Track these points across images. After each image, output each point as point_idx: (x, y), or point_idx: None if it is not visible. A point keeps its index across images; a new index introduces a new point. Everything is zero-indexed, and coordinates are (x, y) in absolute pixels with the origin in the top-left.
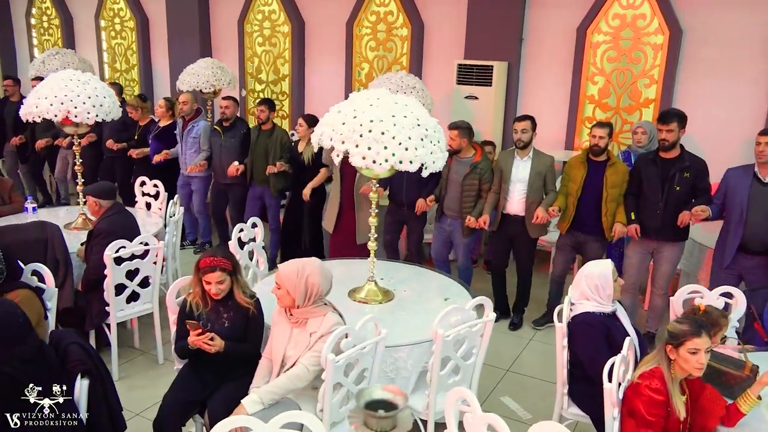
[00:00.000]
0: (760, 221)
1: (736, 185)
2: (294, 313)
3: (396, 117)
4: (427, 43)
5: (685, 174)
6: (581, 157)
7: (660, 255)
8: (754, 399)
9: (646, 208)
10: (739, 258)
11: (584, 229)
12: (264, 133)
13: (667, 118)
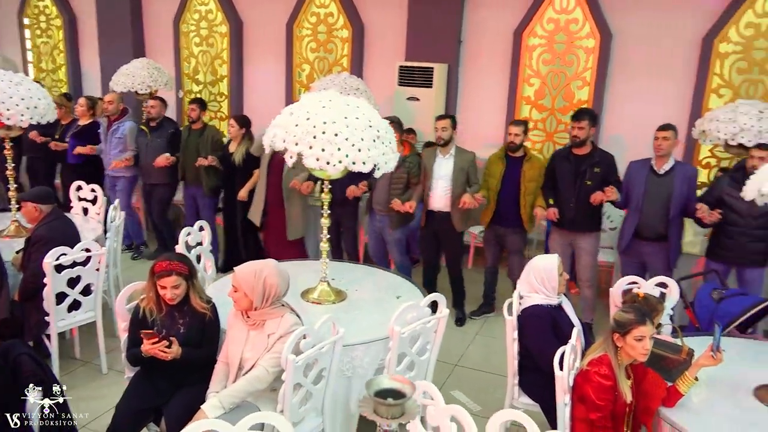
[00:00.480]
0: (653, 210)
1: (635, 176)
2: (251, 316)
3: (348, 119)
4: (368, 44)
5: (596, 169)
6: (499, 154)
7: (578, 247)
8: (691, 380)
9: (561, 202)
10: (635, 244)
11: (504, 222)
12: (195, 132)
13: (579, 116)
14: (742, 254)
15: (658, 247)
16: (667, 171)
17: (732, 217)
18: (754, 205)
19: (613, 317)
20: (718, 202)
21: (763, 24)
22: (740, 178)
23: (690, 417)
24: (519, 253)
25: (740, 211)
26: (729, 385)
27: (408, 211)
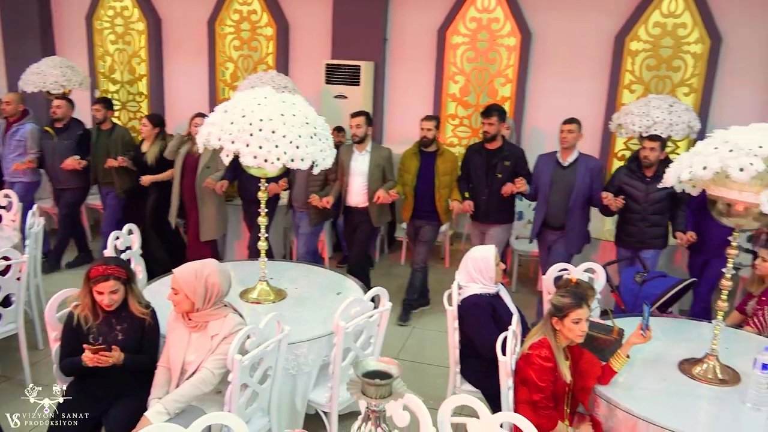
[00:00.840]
0: (558, 200)
1: (542, 168)
2: (193, 318)
3: (285, 116)
4: (293, 42)
5: (506, 162)
6: (413, 149)
7: (487, 236)
8: (624, 358)
9: (475, 194)
10: (544, 233)
11: (421, 215)
12: (104, 133)
13: (489, 112)
14: (643, 239)
15: (561, 234)
16: (571, 163)
17: (632, 206)
18: (650, 193)
19: (551, 302)
20: (618, 192)
21: (668, 23)
22: (636, 168)
23: (623, 392)
24: (428, 243)
25: (638, 198)
26: (655, 360)
27: (325, 206)
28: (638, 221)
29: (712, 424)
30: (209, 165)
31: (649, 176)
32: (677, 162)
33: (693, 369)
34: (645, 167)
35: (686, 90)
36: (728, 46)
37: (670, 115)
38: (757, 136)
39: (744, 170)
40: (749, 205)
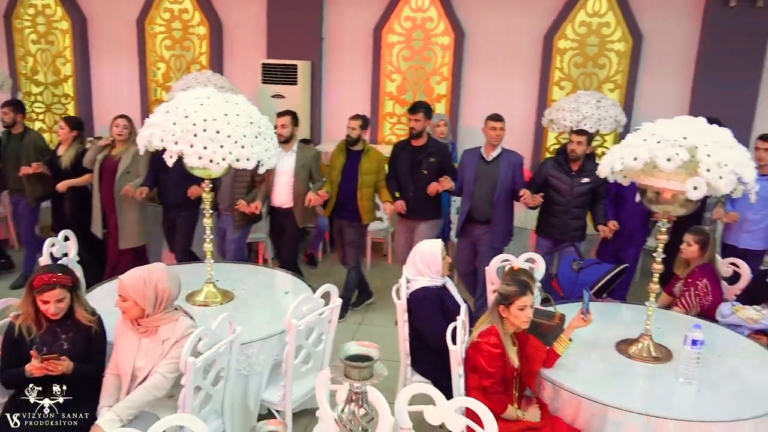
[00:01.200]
0: (483, 194)
1: (467, 164)
2: (142, 323)
3: (229, 115)
4: (227, 42)
5: (431, 159)
6: (341, 146)
7: (416, 232)
8: (567, 341)
9: (401, 191)
10: (468, 227)
11: (343, 215)
12: (14, 138)
13: (415, 109)
14: (565, 230)
15: (487, 229)
16: (495, 158)
17: (556, 197)
18: (575, 186)
19: (498, 291)
20: (544, 183)
21: (593, 23)
22: (563, 162)
23: (566, 374)
24: (353, 244)
25: (563, 191)
26: (594, 343)
27: (254, 212)
28: (562, 213)
29: (648, 398)
30: (129, 170)
31: (575, 170)
32: (609, 154)
33: (629, 349)
34: (572, 161)
35: (611, 86)
36: (649, 44)
37: (598, 110)
38: (682, 128)
39: (671, 160)
40: (676, 193)
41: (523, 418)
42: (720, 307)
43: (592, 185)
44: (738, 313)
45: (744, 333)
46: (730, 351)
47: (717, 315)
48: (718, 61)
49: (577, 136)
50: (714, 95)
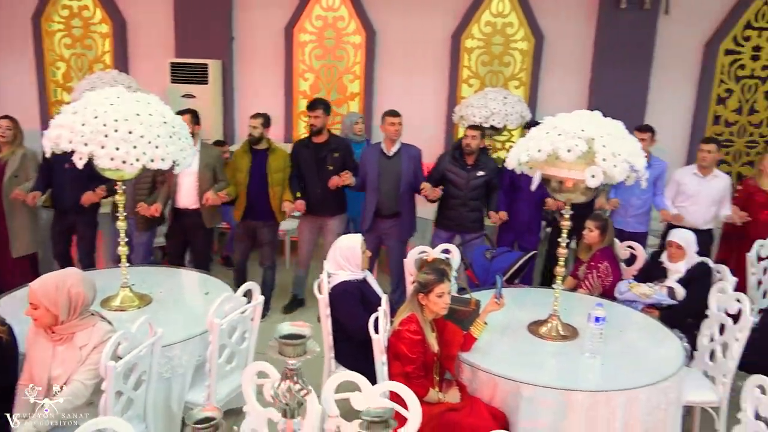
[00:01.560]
0: (388, 189)
1: (369, 160)
2: (57, 330)
3: (141, 115)
4: (132, 40)
5: (335, 154)
6: (244, 148)
7: (326, 228)
8: (482, 325)
9: (307, 188)
10: (376, 222)
11: (256, 215)
12: None
13: (314, 106)
14: (462, 222)
15: (394, 222)
16: (395, 153)
17: (453, 191)
18: (470, 180)
19: (417, 279)
20: (441, 178)
21: (498, 23)
22: (458, 156)
23: (483, 356)
24: (270, 243)
25: (460, 185)
26: (508, 326)
27: (154, 215)
28: (459, 206)
29: (558, 373)
30: (17, 174)
31: (470, 164)
32: (515, 147)
33: (539, 329)
34: (467, 155)
35: (516, 83)
36: (549, 44)
37: (505, 107)
38: (580, 121)
39: (571, 151)
40: (577, 181)
41: (444, 399)
42: (618, 285)
43: (487, 178)
44: (633, 290)
45: (638, 308)
46: (628, 326)
47: (615, 292)
48: (612, 58)
49: (471, 130)
50: (609, 90)
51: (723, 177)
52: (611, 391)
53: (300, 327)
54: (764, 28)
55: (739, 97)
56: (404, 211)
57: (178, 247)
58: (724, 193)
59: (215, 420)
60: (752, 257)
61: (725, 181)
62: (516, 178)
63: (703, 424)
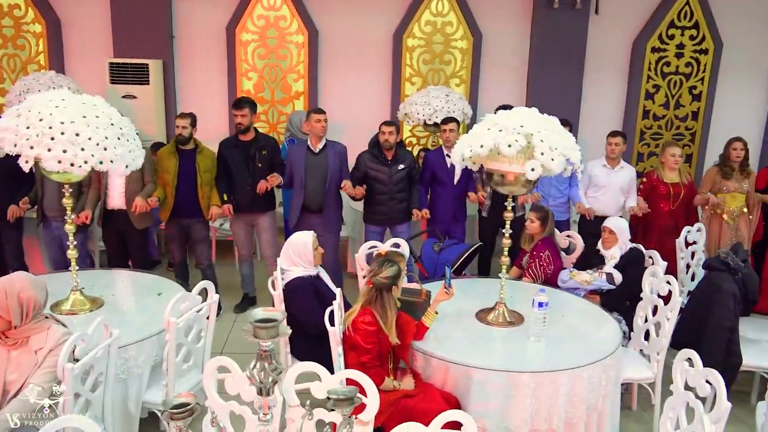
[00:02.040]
0: (315, 185)
1: (296, 157)
2: (11, 335)
3: (88, 117)
4: (68, 40)
5: (263, 152)
6: (170, 148)
7: (259, 226)
8: (433, 314)
9: (237, 187)
10: (304, 216)
11: (186, 214)
12: None
13: (240, 105)
14: (391, 215)
15: (321, 218)
16: (322, 149)
17: (378, 187)
18: (393, 174)
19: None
20: (364, 176)
21: (438, 22)
22: (377, 153)
23: (435, 344)
24: (204, 241)
25: (383, 180)
26: (457, 315)
27: (84, 222)
28: (387, 200)
29: (506, 357)
30: None
31: (390, 159)
32: (459, 143)
33: (487, 317)
34: (386, 150)
35: (457, 81)
36: (487, 42)
37: (447, 104)
38: (519, 117)
39: (511, 146)
40: (518, 175)
41: (399, 387)
42: (560, 274)
43: (408, 170)
44: (575, 278)
45: (581, 294)
46: (570, 311)
47: (558, 281)
48: (547, 56)
49: (387, 126)
50: (546, 86)
51: (629, 168)
52: (555, 371)
53: (272, 311)
54: (687, 27)
55: (665, 92)
56: (331, 205)
57: (117, 248)
58: (631, 183)
59: (191, 405)
60: (680, 243)
61: (631, 172)
62: (437, 173)
63: (640, 399)
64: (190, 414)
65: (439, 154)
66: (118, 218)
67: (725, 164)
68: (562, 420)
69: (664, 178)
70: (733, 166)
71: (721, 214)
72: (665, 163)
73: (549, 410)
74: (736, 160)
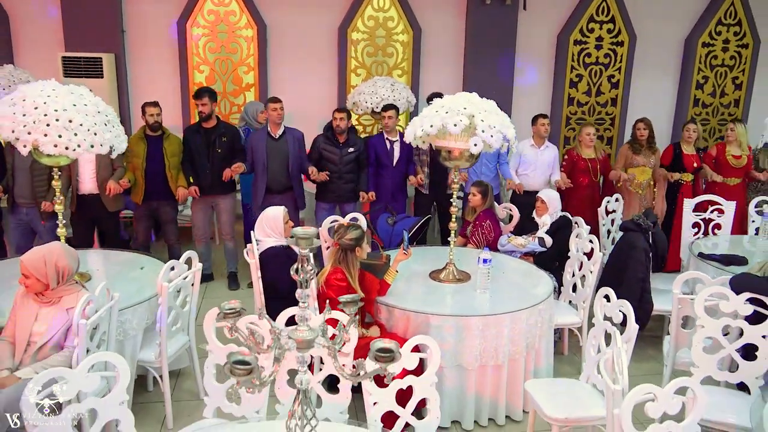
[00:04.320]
0: (277, 168)
1: (257, 143)
2: (47, 294)
3: (78, 105)
4: (16, 34)
5: (224, 138)
6: (139, 134)
7: (219, 207)
8: (394, 273)
9: (199, 170)
10: (268, 198)
11: (156, 196)
12: None
13: (200, 94)
14: (341, 194)
15: (284, 198)
16: (281, 135)
17: (330, 167)
18: (343, 156)
19: (348, 239)
20: (319, 157)
21: (380, 17)
22: (330, 136)
23: (396, 298)
24: (173, 222)
25: (335, 161)
26: (414, 274)
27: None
28: (336, 180)
29: (457, 306)
30: None
31: (342, 142)
32: (411, 124)
33: (439, 275)
34: (338, 134)
35: (400, 72)
36: (426, 36)
37: (393, 93)
38: (462, 101)
39: (456, 125)
40: (462, 150)
41: (367, 334)
42: (500, 239)
43: (357, 153)
44: (512, 242)
45: (517, 256)
46: (509, 270)
47: (498, 245)
48: (481, 48)
49: (339, 113)
50: (481, 76)
51: (552, 147)
52: (499, 315)
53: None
54: (604, 22)
55: (587, 80)
56: (294, 186)
57: (84, 231)
58: (555, 160)
59: (238, 308)
60: (602, 211)
61: (554, 150)
62: (379, 155)
63: (570, 346)
64: (239, 314)
65: (381, 139)
66: (91, 202)
67: (635, 142)
68: (506, 357)
69: (582, 155)
70: (642, 143)
71: (631, 186)
72: (582, 142)
73: (495, 348)
74: (641, 138)
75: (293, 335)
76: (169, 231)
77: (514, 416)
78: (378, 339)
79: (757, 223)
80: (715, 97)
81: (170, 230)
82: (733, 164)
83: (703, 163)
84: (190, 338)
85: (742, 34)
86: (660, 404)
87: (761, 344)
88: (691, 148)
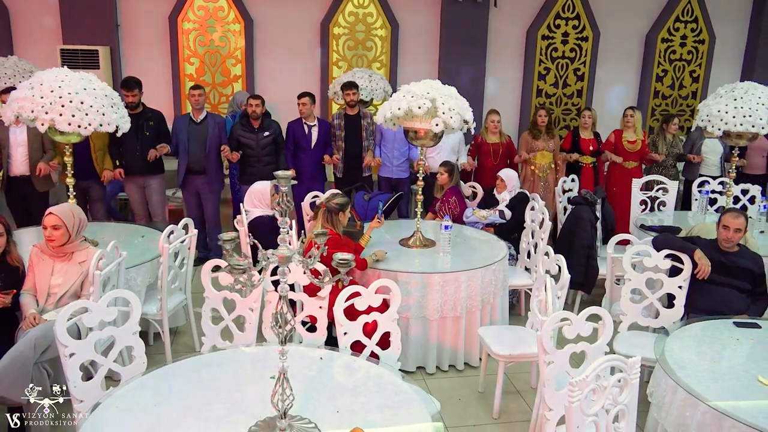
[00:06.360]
0: (197, 150)
1: (180, 127)
2: (64, 248)
3: (87, 89)
4: (16, 27)
5: (150, 122)
6: None
7: (149, 188)
8: (368, 238)
9: (128, 153)
10: (189, 178)
11: (83, 176)
12: None
13: (130, 86)
14: (260, 176)
15: (204, 178)
16: (202, 120)
17: (248, 152)
18: (260, 140)
19: (330, 205)
20: (238, 143)
21: (360, 13)
22: (245, 123)
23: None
24: (101, 200)
25: (252, 146)
26: (385, 242)
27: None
28: (256, 163)
29: (422, 266)
30: None
31: (257, 127)
32: (382, 108)
33: (408, 242)
34: (253, 120)
35: (378, 65)
36: (403, 31)
37: (371, 83)
38: (425, 87)
39: (421, 108)
40: (426, 131)
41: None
42: (465, 212)
43: (274, 137)
44: (475, 214)
45: (480, 227)
46: (472, 238)
47: (463, 217)
48: (454, 43)
49: (254, 99)
50: (454, 70)
51: (458, 132)
52: (457, 272)
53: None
54: (570, 18)
55: (555, 73)
56: (211, 167)
57: (19, 213)
58: (460, 145)
59: (237, 237)
60: (559, 190)
61: (460, 135)
62: (298, 139)
63: (527, 306)
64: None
65: (299, 124)
66: (21, 183)
67: (534, 128)
68: (464, 309)
69: (487, 140)
70: (541, 129)
71: (534, 169)
72: (488, 128)
73: (454, 302)
74: (541, 124)
75: (276, 252)
76: (95, 209)
77: (471, 363)
78: (338, 252)
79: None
80: (674, 89)
81: (98, 208)
82: (628, 149)
83: (600, 148)
84: (186, 296)
85: (699, 30)
86: (574, 327)
87: (678, 294)
88: (588, 133)
